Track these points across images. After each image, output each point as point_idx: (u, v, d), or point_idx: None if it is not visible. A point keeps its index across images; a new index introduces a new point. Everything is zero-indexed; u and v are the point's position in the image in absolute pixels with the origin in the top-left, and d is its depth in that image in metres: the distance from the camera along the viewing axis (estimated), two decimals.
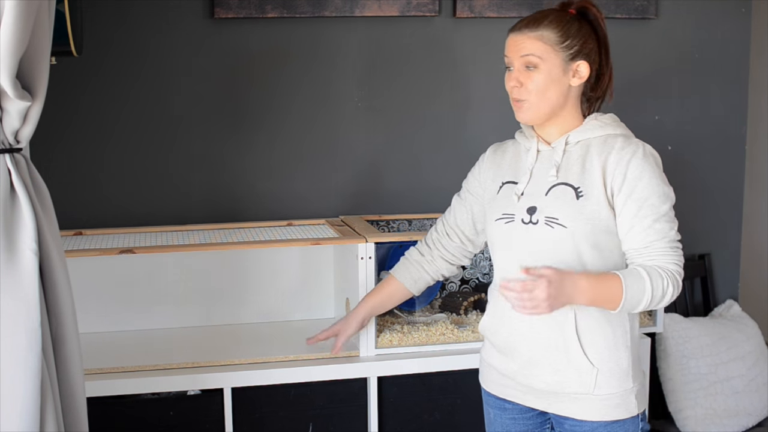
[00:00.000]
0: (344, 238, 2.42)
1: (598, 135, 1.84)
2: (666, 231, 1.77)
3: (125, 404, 2.26)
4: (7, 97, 1.53)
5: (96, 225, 2.65)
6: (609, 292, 1.73)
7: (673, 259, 1.77)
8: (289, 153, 2.78)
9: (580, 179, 1.80)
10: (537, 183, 1.85)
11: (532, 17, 1.83)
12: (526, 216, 1.83)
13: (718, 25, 3.04)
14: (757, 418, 2.83)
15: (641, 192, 1.77)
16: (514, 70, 1.83)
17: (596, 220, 1.78)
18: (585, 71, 1.83)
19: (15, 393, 1.56)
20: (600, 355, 1.82)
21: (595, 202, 1.78)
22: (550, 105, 1.82)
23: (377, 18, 2.77)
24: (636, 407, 1.85)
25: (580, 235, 1.78)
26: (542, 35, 1.80)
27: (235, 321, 2.66)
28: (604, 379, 1.82)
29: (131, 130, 2.68)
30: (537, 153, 1.88)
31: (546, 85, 1.80)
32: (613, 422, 1.83)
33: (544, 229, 1.80)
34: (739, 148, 3.13)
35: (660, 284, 1.74)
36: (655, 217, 1.77)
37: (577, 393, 1.83)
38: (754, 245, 3.15)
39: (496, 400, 1.98)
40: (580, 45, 1.81)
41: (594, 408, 1.83)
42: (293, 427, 2.35)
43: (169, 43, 2.66)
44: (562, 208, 1.79)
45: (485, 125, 2.90)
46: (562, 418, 1.87)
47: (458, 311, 2.63)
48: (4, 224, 1.56)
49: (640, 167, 1.77)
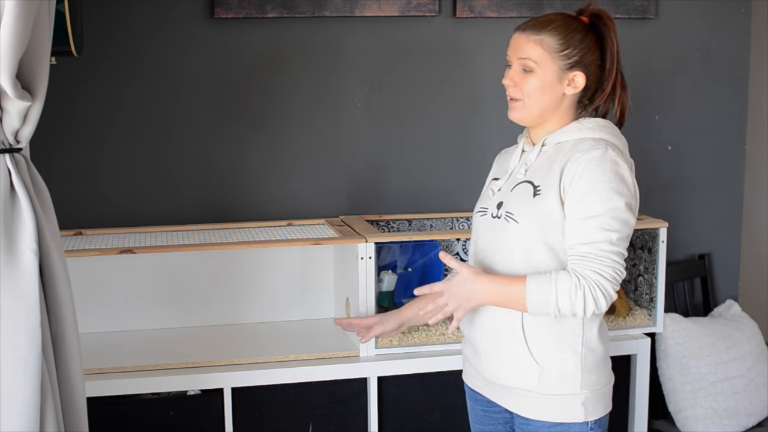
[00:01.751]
0: (344, 238, 2.42)
1: (574, 138, 1.84)
2: (595, 236, 1.73)
3: (125, 404, 2.26)
4: (7, 97, 1.53)
5: (96, 225, 2.65)
6: (513, 296, 1.76)
7: (595, 267, 1.72)
8: (289, 153, 2.78)
9: (542, 178, 1.82)
10: (511, 181, 1.90)
11: (539, 20, 1.84)
12: (495, 210, 1.88)
13: (718, 25, 3.04)
14: (757, 418, 2.83)
15: (580, 192, 1.75)
16: (511, 70, 1.86)
17: (548, 219, 1.79)
18: (581, 82, 1.83)
19: (15, 393, 1.56)
20: (544, 354, 1.82)
21: (551, 201, 1.79)
22: (540, 108, 1.84)
23: (377, 18, 2.77)
24: (583, 414, 1.82)
25: (531, 232, 1.80)
26: (542, 40, 1.81)
27: (235, 321, 2.66)
28: (547, 378, 1.82)
29: (131, 130, 2.68)
30: (521, 153, 1.92)
31: (539, 90, 1.82)
32: (557, 424, 1.83)
33: (503, 224, 1.84)
34: (739, 148, 3.13)
35: (566, 291, 1.71)
36: (587, 219, 1.73)
37: (520, 389, 1.85)
38: (754, 245, 3.15)
39: (469, 390, 2.04)
40: (580, 56, 1.82)
41: (537, 406, 1.84)
42: (293, 427, 2.35)
43: (169, 43, 2.66)
44: (518, 204, 1.83)
45: (485, 125, 2.90)
46: (514, 415, 1.91)
47: None
48: (4, 224, 1.56)
49: (588, 167, 1.75)
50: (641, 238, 2.64)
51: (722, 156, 3.12)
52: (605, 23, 1.85)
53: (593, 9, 1.86)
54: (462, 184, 2.89)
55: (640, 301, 2.69)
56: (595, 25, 1.85)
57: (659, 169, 3.03)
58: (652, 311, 2.63)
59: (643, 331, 2.61)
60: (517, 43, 1.85)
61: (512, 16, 2.83)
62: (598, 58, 1.84)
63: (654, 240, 2.57)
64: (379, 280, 2.55)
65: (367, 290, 2.36)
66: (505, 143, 2.89)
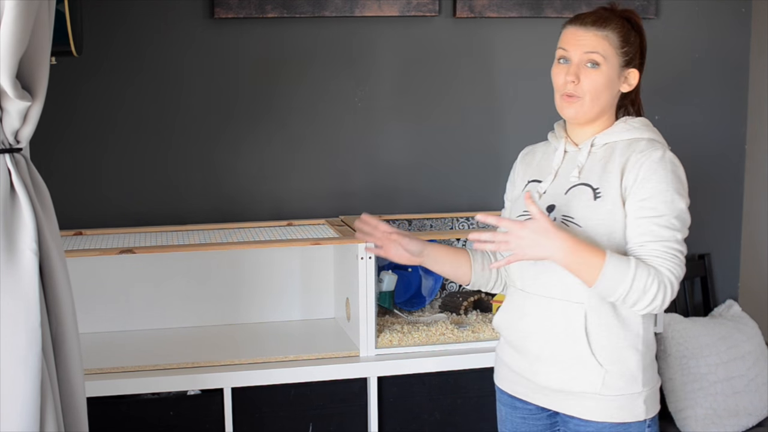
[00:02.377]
0: (344, 238, 2.42)
1: (625, 138, 1.83)
2: (663, 235, 1.73)
3: (125, 404, 2.26)
4: (7, 97, 1.53)
5: (96, 225, 2.65)
6: (587, 263, 1.69)
7: (666, 264, 1.72)
8: (289, 153, 2.78)
9: (599, 180, 1.80)
10: (559, 183, 1.86)
11: (598, 15, 1.83)
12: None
13: (718, 25, 3.04)
14: (757, 418, 2.83)
15: (646, 192, 1.75)
16: (573, 65, 1.82)
17: (611, 221, 1.77)
18: (634, 79, 1.84)
19: (15, 393, 1.56)
20: (609, 356, 1.80)
21: (611, 202, 1.77)
22: (600, 105, 1.83)
23: (377, 18, 2.77)
24: (644, 412, 1.82)
25: (595, 235, 1.77)
26: (608, 36, 1.80)
27: (235, 321, 2.66)
28: (611, 379, 1.80)
29: (131, 129, 2.68)
30: (564, 154, 1.89)
31: (603, 87, 1.81)
32: (618, 424, 1.81)
33: None
34: (739, 148, 3.13)
35: (644, 278, 1.69)
36: (654, 218, 1.74)
37: (583, 392, 1.82)
38: (754, 245, 3.15)
39: (508, 397, 1.98)
40: (633, 53, 1.83)
41: (600, 408, 1.82)
42: (293, 427, 2.35)
43: (169, 43, 2.66)
44: (579, 208, 1.79)
45: (485, 125, 2.90)
46: (568, 418, 1.87)
47: (458, 311, 2.63)
48: (4, 224, 1.56)
49: (652, 169, 1.76)
50: None
51: (722, 156, 3.12)
52: (639, 24, 1.86)
53: (625, 9, 1.87)
54: (462, 184, 2.89)
55: None
56: (631, 23, 1.86)
57: None
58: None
59: None
60: (579, 37, 1.81)
61: (512, 16, 2.83)
62: (640, 57, 1.86)
63: None
64: (379, 280, 2.55)
65: (367, 290, 2.36)
66: (505, 143, 2.90)
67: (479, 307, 2.68)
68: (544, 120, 2.91)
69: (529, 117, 2.90)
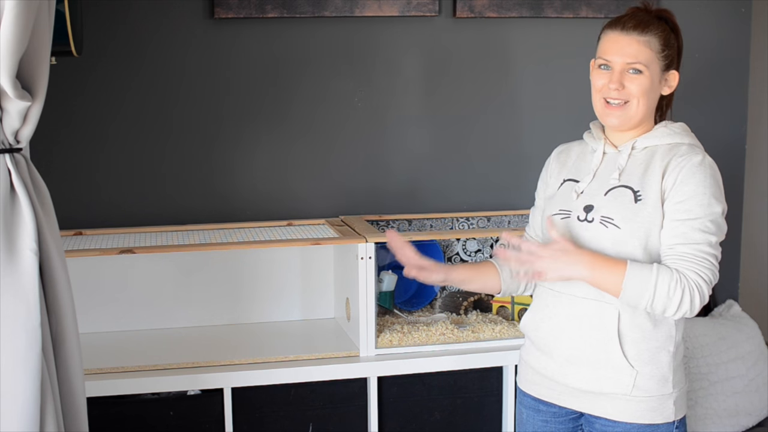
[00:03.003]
0: (344, 238, 2.42)
1: (666, 143, 1.84)
2: (695, 237, 1.73)
3: (125, 404, 2.26)
4: (7, 97, 1.53)
5: (96, 225, 2.65)
6: (611, 276, 1.71)
7: (695, 267, 1.71)
8: (288, 153, 2.78)
9: (640, 183, 1.80)
10: (598, 184, 1.85)
11: (639, 20, 1.81)
12: (582, 213, 1.83)
13: (718, 25, 3.04)
14: (757, 418, 2.83)
15: (683, 195, 1.75)
16: (616, 72, 1.81)
17: (650, 224, 1.77)
18: (674, 81, 1.85)
19: (15, 393, 1.56)
20: (640, 357, 1.80)
21: (652, 206, 1.77)
22: (645, 111, 1.83)
23: (377, 18, 2.77)
24: (673, 413, 1.82)
25: (633, 237, 1.77)
26: (649, 41, 1.80)
27: (235, 321, 2.66)
28: (642, 381, 1.80)
29: (131, 129, 2.68)
30: (603, 155, 1.88)
31: (647, 91, 1.81)
32: (647, 425, 1.81)
33: (599, 228, 1.80)
34: (739, 148, 3.13)
35: (666, 284, 1.69)
36: (688, 221, 1.74)
37: (614, 393, 1.81)
38: (754, 245, 3.15)
39: (532, 400, 1.96)
40: (673, 55, 1.83)
41: (629, 409, 1.81)
42: (293, 427, 2.35)
43: (169, 43, 2.66)
44: (619, 210, 1.79)
45: (485, 125, 2.90)
46: (594, 418, 1.86)
47: (458, 311, 2.63)
48: (4, 224, 1.56)
49: (690, 172, 1.76)
50: None
51: (722, 156, 3.11)
52: (675, 24, 1.86)
53: (661, 8, 1.87)
54: (462, 184, 2.89)
55: None
56: (668, 23, 1.85)
57: None
58: None
59: None
60: (622, 44, 1.80)
61: (512, 16, 2.83)
62: (678, 58, 1.87)
63: None
64: (379, 280, 2.55)
65: (367, 290, 2.36)
66: (504, 143, 2.90)
67: (479, 307, 2.68)
68: (544, 120, 2.92)
69: (530, 117, 2.90)
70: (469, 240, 2.77)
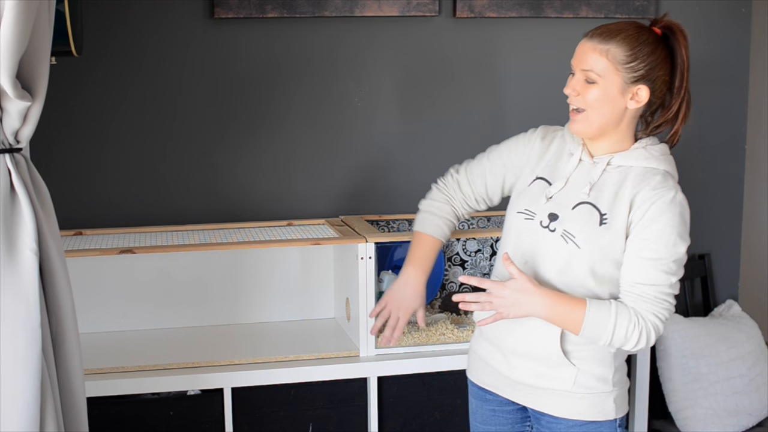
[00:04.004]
0: (344, 238, 2.42)
1: (642, 165, 1.80)
2: (658, 279, 1.74)
3: (125, 404, 2.26)
4: (7, 97, 1.53)
5: (96, 225, 2.65)
6: (569, 318, 1.75)
7: (653, 308, 1.75)
8: (288, 153, 2.78)
9: (609, 206, 1.78)
10: (568, 193, 1.83)
11: (608, 29, 1.78)
12: (546, 220, 1.83)
13: (718, 25, 3.04)
14: (757, 418, 2.83)
15: (650, 234, 1.74)
16: (574, 79, 1.81)
17: (609, 250, 1.77)
18: (644, 97, 1.78)
19: (15, 393, 1.56)
20: (581, 356, 1.83)
21: (615, 233, 1.77)
22: (602, 121, 1.79)
23: (377, 18, 2.77)
24: (614, 411, 1.85)
25: (588, 259, 1.78)
26: (609, 51, 1.75)
27: (235, 321, 2.66)
28: (583, 378, 1.83)
29: (131, 129, 2.68)
30: (579, 161, 1.86)
31: (600, 101, 1.77)
32: (589, 423, 1.84)
33: (558, 241, 1.80)
34: (739, 148, 3.13)
35: (624, 327, 1.73)
36: (652, 261, 1.74)
37: (555, 389, 1.85)
38: (754, 245, 3.15)
39: (479, 390, 2.01)
40: (647, 70, 1.76)
41: (571, 406, 1.84)
42: (293, 427, 2.35)
43: (169, 43, 2.66)
44: (583, 229, 1.79)
45: (485, 125, 2.90)
46: (540, 414, 1.89)
47: (458, 311, 2.63)
48: (4, 224, 1.56)
49: (660, 210, 1.74)
50: None
51: (722, 156, 3.12)
52: (677, 38, 1.79)
53: (667, 21, 1.81)
54: None
55: None
56: (668, 39, 1.80)
57: None
58: None
59: None
60: (582, 51, 1.79)
61: (512, 16, 2.83)
62: (666, 74, 1.79)
63: None
64: (379, 280, 2.55)
65: (367, 290, 2.36)
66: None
67: None
68: (544, 120, 2.91)
69: (530, 117, 2.89)
70: (469, 240, 2.77)
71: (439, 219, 2.07)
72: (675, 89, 1.80)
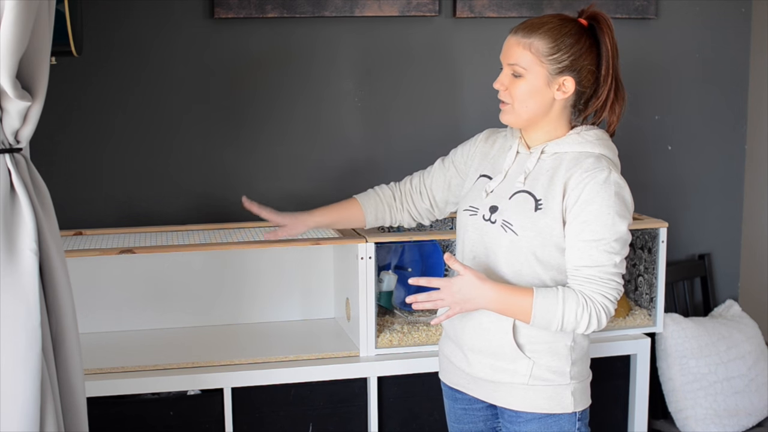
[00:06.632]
0: (344, 238, 2.42)
1: (575, 150, 1.83)
2: (601, 259, 1.76)
3: (125, 404, 2.26)
4: (7, 97, 1.53)
5: (96, 225, 2.65)
6: (517, 307, 1.77)
7: (601, 289, 1.76)
8: (289, 153, 2.78)
9: (544, 191, 1.81)
10: (507, 185, 1.88)
11: (531, 23, 1.82)
12: (487, 213, 1.87)
13: (718, 25, 3.04)
14: (757, 418, 2.83)
15: (587, 216, 1.76)
16: (502, 74, 1.86)
17: (548, 234, 1.80)
18: (570, 87, 1.81)
19: (15, 393, 1.56)
20: (536, 348, 1.85)
21: (552, 217, 1.79)
22: (529, 113, 1.84)
23: (377, 18, 2.77)
24: (572, 404, 1.86)
25: (528, 245, 1.81)
26: (532, 44, 1.79)
27: (235, 321, 2.66)
28: (539, 371, 1.85)
29: (131, 129, 2.68)
30: (516, 155, 1.91)
31: (527, 95, 1.82)
32: (547, 416, 1.85)
33: (499, 231, 1.84)
34: (739, 148, 3.13)
35: (573, 310, 1.75)
36: (593, 242, 1.76)
37: (512, 383, 1.86)
38: (754, 245, 3.15)
39: (449, 390, 2.03)
40: (570, 60, 1.79)
41: (528, 399, 1.86)
42: (293, 427, 2.35)
43: (169, 43, 2.66)
44: (519, 217, 1.82)
45: (484, 125, 2.89)
46: (502, 409, 1.91)
47: None
48: (4, 224, 1.56)
49: (594, 191, 1.76)
50: (641, 238, 2.64)
51: (722, 156, 3.12)
52: (601, 27, 1.81)
53: (592, 11, 1.84)
54: None
55: (640, 301, 2.69)
56: (593, 29, 1.83)
57: (659, 169, 3.03)
58: (652, 311, 2.63)
59: (643, 331, 2.61)
60: (508, 46, 1.84)
61: (512, 16, 2.83)
62: (592, 63, 1.81)
63: (654, 240, 2.57)
64: (379, 280, 2.55)
65: (367, 290, 2.36)
66: None
67: None
68: None
69: None
70: None
71: (372, 191, 2.21)
72: (602, 78, 1.83)
